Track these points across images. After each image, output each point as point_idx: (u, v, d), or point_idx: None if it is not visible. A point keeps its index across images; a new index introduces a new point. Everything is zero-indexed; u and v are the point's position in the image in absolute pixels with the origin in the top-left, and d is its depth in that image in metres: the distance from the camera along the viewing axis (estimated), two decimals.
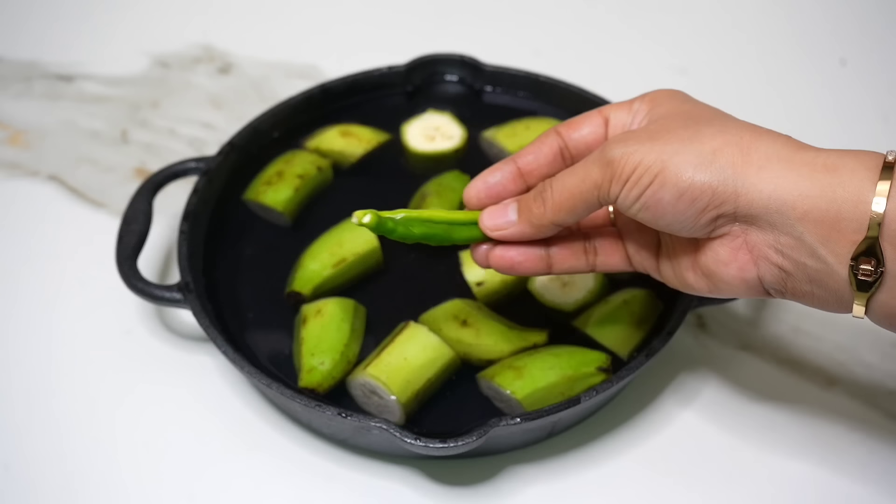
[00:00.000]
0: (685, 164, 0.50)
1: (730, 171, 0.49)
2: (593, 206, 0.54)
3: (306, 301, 0.69)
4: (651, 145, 0.51)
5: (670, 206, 0.50)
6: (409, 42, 0.92)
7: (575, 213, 0.54)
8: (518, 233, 0.57)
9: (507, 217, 0.57)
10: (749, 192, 0.49)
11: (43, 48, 0.97)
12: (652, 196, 0.50)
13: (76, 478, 0.65)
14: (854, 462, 0.65)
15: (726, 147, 0.50)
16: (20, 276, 0.77)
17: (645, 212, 0.51)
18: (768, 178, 0.49)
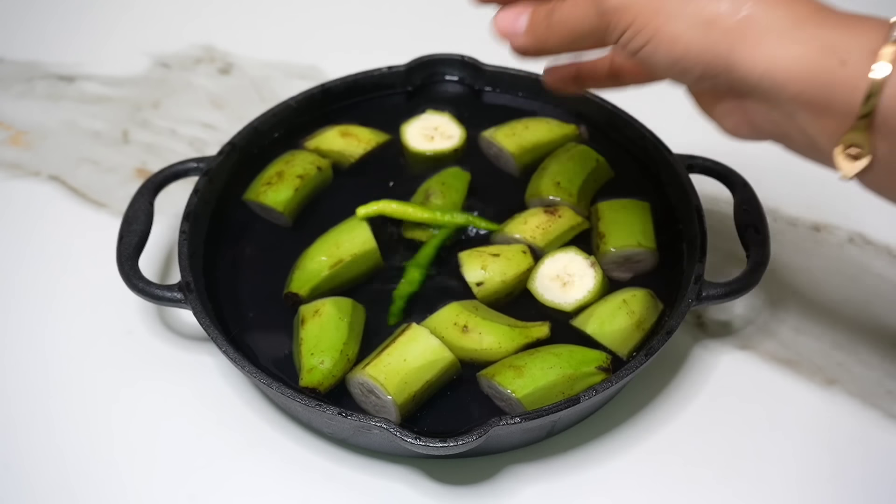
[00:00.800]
0: (679, 32, 0.49)
1: (724, 45, 0.48)
2: (594, 45, 0.53)
3: (304, 302, 0.69)
4: (648, 1, 0.49)
5: (664, 70, 0.50)
6: (409, 42, 0.92)
7: (577, 47, 0.54)
8: (523, 45, 0.57)
9: (517, 26, 0.57)
10: (742, 68, 0.48)
11: (44, 49, 0.97)
12: (647, 57, 0.50)
13: (76, 477, 0.65)
14: (853, 461, 0.65)
15: (723, 17, 0.48)
16: (21, 276, 0.77)
17: (643, 65, 0.51)
18: (762, 56, 0.48)
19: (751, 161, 0.79)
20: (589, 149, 0.77)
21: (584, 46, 0.54)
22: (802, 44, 0.47)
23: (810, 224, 0.80)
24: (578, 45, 0.54)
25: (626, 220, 0.72)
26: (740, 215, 0.71)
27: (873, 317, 0.73)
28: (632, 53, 0.51)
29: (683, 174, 0.73)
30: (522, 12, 0.57)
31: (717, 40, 0.48)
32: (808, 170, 0.85)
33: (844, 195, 0.83)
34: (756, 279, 0.67)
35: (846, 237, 0.79)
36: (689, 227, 0.71)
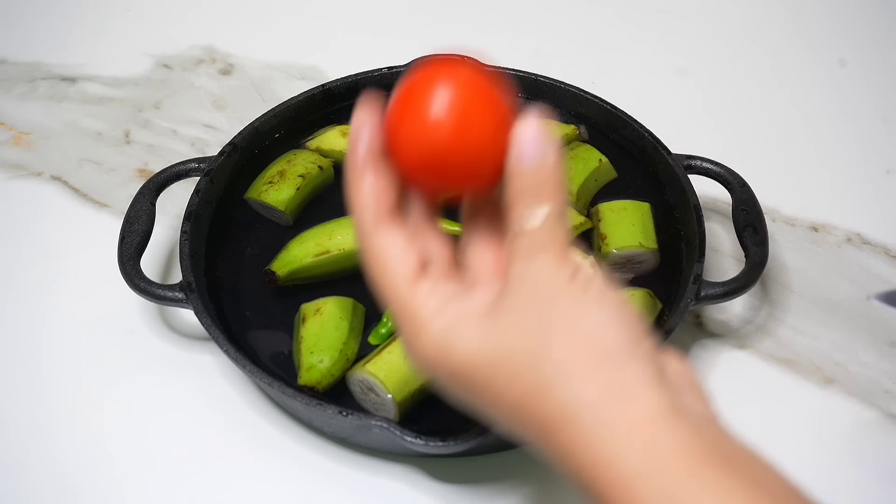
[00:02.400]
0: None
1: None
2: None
3: (280, 283, 0.70)
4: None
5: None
6: (409, 43, 0.92)
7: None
8: None
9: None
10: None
11: (46, 50, 0.97)
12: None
13: (77, 477, 0.65)
14: (852, 460, 0.65)
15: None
16: (23, 276, 0.77)
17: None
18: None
19: (750, 161, 0.79)
20: (592, 148, 0.77)
21: None
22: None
23: (808, 224, 0.80)
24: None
25: (628, 222, 0.72)
26: (739, 215, 0.72)
27: (871, 316, 0.73)
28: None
29: (682, 174, 0.73)
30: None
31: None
32: (806, 170, 0.86)
33: (843, 195, 0.83)
34: (754, 279, 0.67)
35: (844, 237, 0.79)
36: (688, 228, 0.71)
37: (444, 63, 0.45)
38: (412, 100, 0.44)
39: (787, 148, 0.88)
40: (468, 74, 0.45)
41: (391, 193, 0.45)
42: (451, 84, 0.44)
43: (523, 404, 0.41)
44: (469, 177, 0.45)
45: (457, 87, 0.44)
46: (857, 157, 0.86)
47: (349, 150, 0.46)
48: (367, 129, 0.45)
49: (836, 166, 0.85)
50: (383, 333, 0.68)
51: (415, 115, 0.43)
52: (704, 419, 0.41)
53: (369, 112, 0.45)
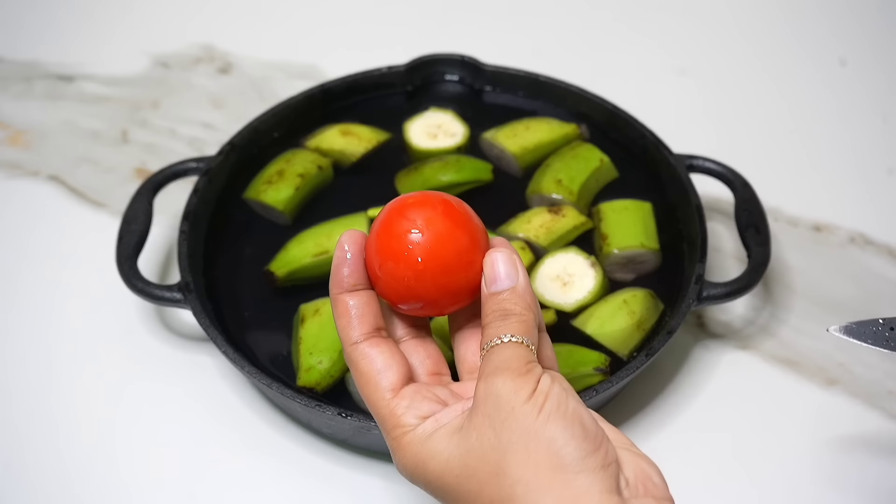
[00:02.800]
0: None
1: None
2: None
3: (279, 283, 0.69)
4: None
5: None
6: (408, 42, 0.92)
7: None
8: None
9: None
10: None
11: (43, 48, 0.97)
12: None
13: (76, 477, 0.65)
14: (854, 461, 0.65)
15: None
16: (20, 276, 0.77)
17: None
18: None
19: (752, 161, 0.79)
20: (594, 148, 0.77)
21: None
22: None
23: (811, 224, 0.80)
24: None
25: (629, 222, 0.72)
26: (741, 215, 0.71)
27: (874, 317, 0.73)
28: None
29: (684, 174, 0.73)
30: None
31: None
32: (808, 170, 0.86)
33: (845, 195, 0.83)
34: (757, 279, 0.67)
35: (847, 237, 0.79)
36: (690, 227, 0.71)
37: (416, 198, 0.49)
38: (388, 235, 0.48)
39: (788, 148, 0.88)
40: (438, 208, 0.49)
41: (375, 311, 0.50)
42: (423, 218, 0.48)
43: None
44: (445, 303, 0.50)
45: (429, 221, 0.48)
46: (858, 157, 0.86)
47: (333, 272, 0.50)
48: (350, 252, 0.50)
49: (838, 166, 0.85)
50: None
51: (391, 251, 0.48)
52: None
53: (352, 237, 0.50)
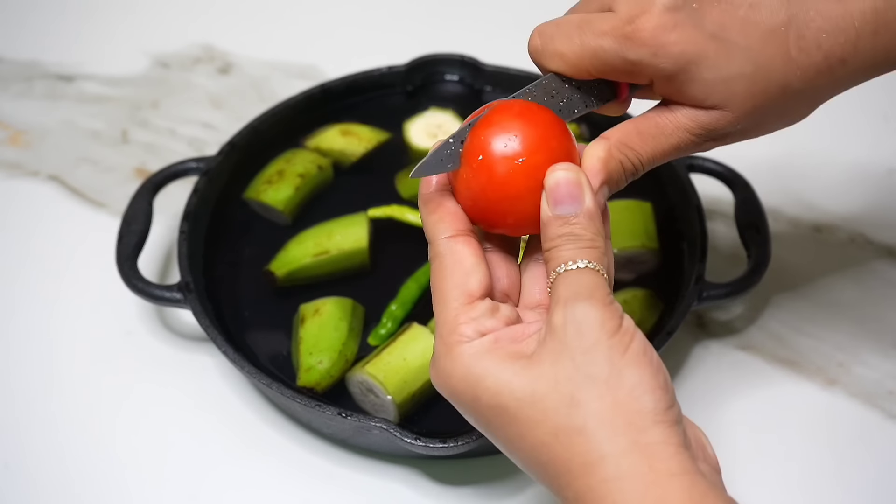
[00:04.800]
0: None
1: None
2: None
3: (280, 283, 0.69)
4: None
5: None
6: (408, 42, 0.92)
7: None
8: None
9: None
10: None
11: (43, 48, 0.97)
12: None
13: (76, 477, 0.65)
14: (854, 462, 0.65)
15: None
16: (20, 276, 0.77)
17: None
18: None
19: (752, 161, 0.79)
20: None
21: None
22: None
23: (811, 224, 0.80)
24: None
25: (629, 222, 0.72)
26: (741, 216, 0.71)
27: (874, 317, 0.73)
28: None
29: (684, 174, 0.73)
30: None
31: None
32: (809, 170, 0.86)
33: (845, 196, 0.83)
34: (757, 279, 0.67)
35: (847, 237, 0.79)
36: (690, 228, 0.71)
37: (509, 107, 0.47)
38: (475, 149, 0.46)
39: (789, 148, 0.87)
40: (530, 119, 0.47)
41: (465, 216, 0.48)
42: (517, 125, 0.46)
43: (548, 444, 0.43)
44: (526, 221, 0.47)
45: (525, 127, 0.46)
46: (859, 158, 0.86)
47: (421, 186, 0.48)
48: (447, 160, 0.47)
49: (838, 166, 0.85)
50: (383, 334, 0.67)
51: (481, 159, 0.46)
52: (716, 485, 0.43)
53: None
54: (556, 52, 0.49)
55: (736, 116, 0.48)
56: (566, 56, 0.48)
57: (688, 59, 0.46)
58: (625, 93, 0.50)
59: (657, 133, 0.49)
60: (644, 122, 0.49)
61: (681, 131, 0.49)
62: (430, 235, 0.48)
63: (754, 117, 0.49)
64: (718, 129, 0.49)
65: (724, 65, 0.46)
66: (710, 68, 0.46)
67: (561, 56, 0.48)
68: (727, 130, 0.49)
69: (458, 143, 0.47)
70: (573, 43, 0.48)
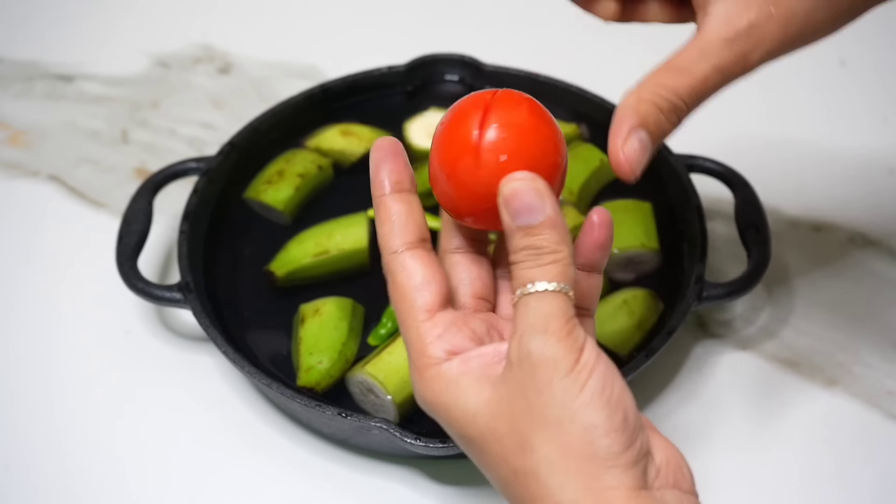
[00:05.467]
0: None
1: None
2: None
3: (279, 283, 0.69)
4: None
5: None
6: (409, 42, 0.92)
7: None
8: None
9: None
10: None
11: (43, 48, 0.97)
12: None
13: (76, 478, 0.65)
14: (855, 462, 0.65)
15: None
16: (20, 276, 0.77)
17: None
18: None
19: (752, 161, 0.79)
20: (593, 148, 0.77)
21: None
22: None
23: (811, 224, 0.80)
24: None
25: (629, 222, 0.72)
26: (741, 215, 0.71)
27: (874, 317, 0.73)
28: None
29: (684, 174, 0.73)
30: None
31: None
32: (808, 170, 0.86)
33: (845, 195, 0.83)
34: (757, 279, 0.67)
35: (847, 237, 0.79)
36: (690, 228, 0.71)
37: (485, 94, 0.47)
38: (454, 131, 0.47)
39: (789, 148, 0.87)
40: (516, 105, 0.46)
41: (419, 220, 0.46)
42: (496, 113, 0.46)
43: (510, 481, 0.43)
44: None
45: (504, 116, 0.46)
46: (859, 157, 0.86)
47: (372, 172, 0.48)
48: (390, 149, 0.47)
49: (838, 166, 0.85)
50: (382, 334, 0.67)
51: (454, 148, 0.46)
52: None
53: (390, 139, 0.47)
54: None
55: (778, 12, 0.44)
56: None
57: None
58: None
59: (693, 62, 0.46)
60: (676, 58, 0.46)
61: (719, 47, 0.45)
62: (382, 248, 0.46)
63: (788, 21, 0.45)
64: (760, 33, 0.45)
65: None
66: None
67: None
68: (771, 35, 0.45)
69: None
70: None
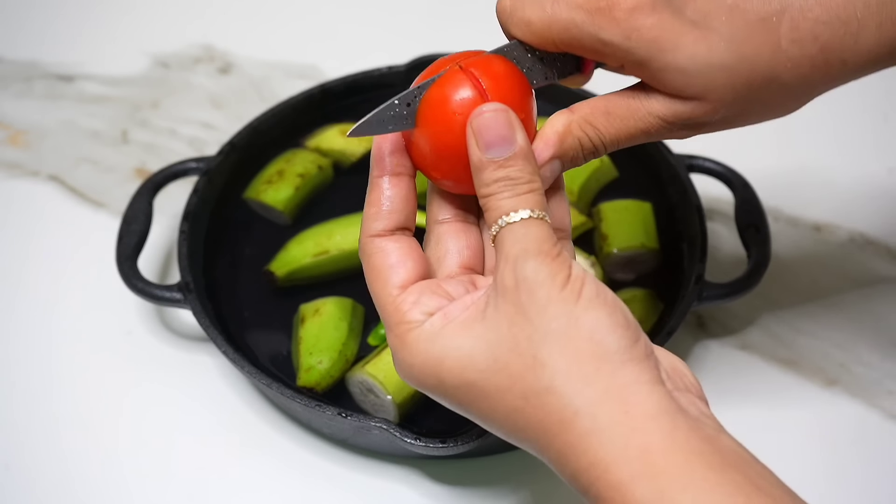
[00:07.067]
0: None
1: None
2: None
3: (280, 283, 0.69)
4: None
5: None
6: (409, 42, 0.92)
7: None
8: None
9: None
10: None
11: (43, 48, 0.97)
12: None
13: (76, 478, 0.65)
14: (855, 462, 0.65)
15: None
16: (20, 277, 0.77)
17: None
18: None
19: (751, 161, 0.79)
20: None
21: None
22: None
23: (811, 224, 0.80)
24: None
25: (629, 222, 0.72)
26: (741, 215, 0.71)
27: (874, 317, 0.73)
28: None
29: (684, 174, 0.73)
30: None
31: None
32: (808, 170, 0.86)
33: (845, 195, 0.83)
34: (757, 279, 0.67)
35: (847, 237, 0.79)
36: (690, 227, 0.71)
37: (458, 60, 0.48)
38: (430, 99, 0.46)
39: (788, 147, 0.87)
40: (491, 75, 0.46)
41: (409, 208, 0.47)
42: (469, 76, 0.46)
43: (520, 408, 0.41)
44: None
45: (478, 77, 0.46)
46: (859, 157, 0.86)
47: (374, 151, 0.48)
48: (395, 145, 0.47)
49: (838, 166, 0.85)
50: (382, 334, 0.67)
51: (432, 112, 0.45)
52: (701, 418, 0.42)
53: (396, 135, 0.47)
54: (524, 19, 0.47)
55: (714, 107, 0.46)
56: (534, 25, 0.46)
57: (661, 47, 0.44)
58: (589, 67, 0.48)
59: (626, 115, 0.47)
60: (615, 102, 0.47)
61: (652, 117, 0.46)
62: (362, 229, 0.47)
63: (735, 108, 0.46)
64: (694, 119, 0.46)
65: (704, 54, 0.44)
66: (688, 58, 0.44)
67: (528, 24, 0.46)
68: (704, 120, 0.46)
69: (405, 104, 0.46)
70: (544, 11, 0.45)
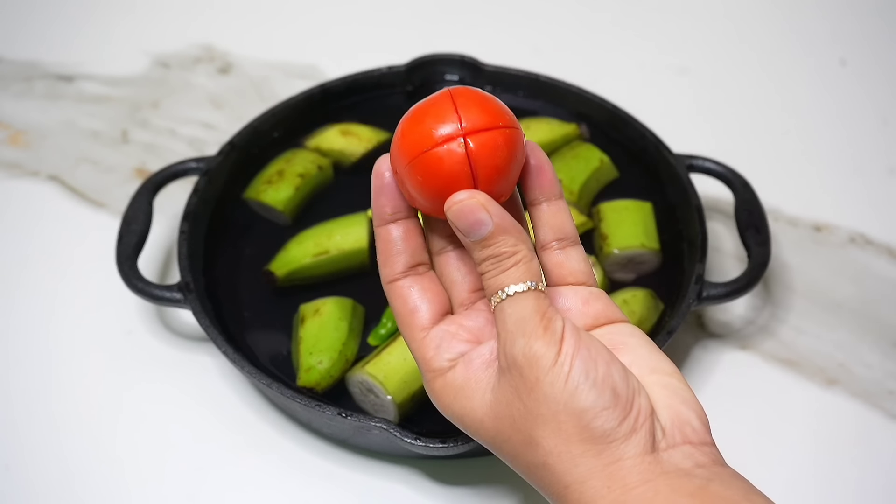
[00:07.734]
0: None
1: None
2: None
3: (280, 283, 0.69)
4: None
5: None
6: (408, 42, 0.92)
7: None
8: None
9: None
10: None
11: (43, 48, 0.97)
12: None
13: (76, 478, 0.65)
14: (855, 462, 0.65)
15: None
16: (20, 276, 0.77)
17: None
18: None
19: (752, 161, 0.79)
20: (594, 148, 0.77)
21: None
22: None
23: (811, 224, 0.80)
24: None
25: (629, 222, 0.72)
26: (741, 215, 0.71)
27: (874, 317, 0.73)
28: None
29: (684, 174, 0.73)
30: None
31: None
32: (809, 170, 0.86)
33: (845, 195, 0.83)
34: (757, 279, 0.67)
35: (847, 237, 0.79)
36: (690, 228, 0.71)
37: (443, 94, 0.50)
38: (414, 132, 0.50)
39: (789, 148, 0.88)
40: (472, 99, 0.49)
41: (415, 244, 0.49)
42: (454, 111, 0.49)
43: (527, 473, 0.46)
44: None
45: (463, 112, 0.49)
46: (859, 157, 0.86)
47: (373, 202, 0.51)
48: (387, 176, 0.50)
49: (838, 166, 0.85)
50: (382, 334, 0.67)
51: (413, 146, 0.49)
52: (692, 472, 0.44)
53: (387, 161, 0.51)
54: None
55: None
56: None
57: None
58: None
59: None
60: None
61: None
62: (381, 276, 0.50)
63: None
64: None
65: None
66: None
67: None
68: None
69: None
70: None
